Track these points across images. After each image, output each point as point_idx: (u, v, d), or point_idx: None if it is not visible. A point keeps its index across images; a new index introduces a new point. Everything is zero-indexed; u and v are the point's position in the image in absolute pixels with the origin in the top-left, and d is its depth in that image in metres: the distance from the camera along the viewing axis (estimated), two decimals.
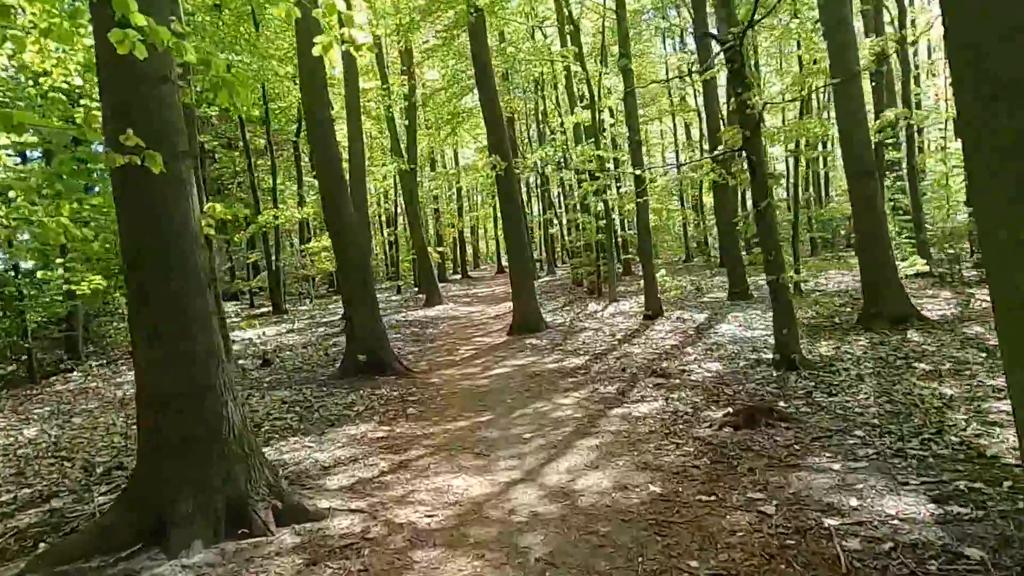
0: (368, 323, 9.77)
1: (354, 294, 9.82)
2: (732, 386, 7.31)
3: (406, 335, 14.42)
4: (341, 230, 9.78)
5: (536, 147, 25.41)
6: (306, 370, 10.90)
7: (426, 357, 11.50)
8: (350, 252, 9.78)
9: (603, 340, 11.41)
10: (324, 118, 9.67)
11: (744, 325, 11.36)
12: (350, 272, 9.80)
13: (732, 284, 14.79)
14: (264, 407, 8.25)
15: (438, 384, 9.08)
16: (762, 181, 7.80)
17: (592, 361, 9.69)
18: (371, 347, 9.75)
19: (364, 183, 16.13)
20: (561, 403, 7.37)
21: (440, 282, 30.93)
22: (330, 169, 9.73)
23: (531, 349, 11.27)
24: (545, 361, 10.08)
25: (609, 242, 16.71)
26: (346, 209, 9.76)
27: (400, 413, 7.54)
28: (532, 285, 13.35)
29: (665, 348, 10.10)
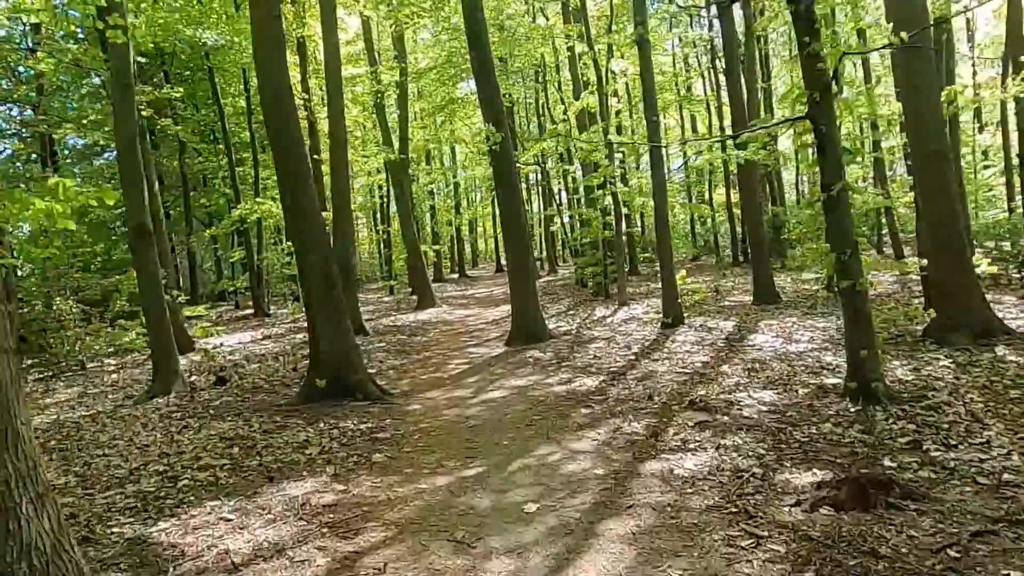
0: (334, 338, 7.87)
1: (317, 304, 7.92)
2: (801, 427, 5.40)
3: (391, 343, 12.50)
4: (302, 227, 7.87)
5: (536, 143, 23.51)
6: (266, 390, 8.99)
7: (410, 373, 9.59)
8: (312, 253, 7.87)
9: (618, 354, 9.50)
10: (280, 85, 7.75)
11: (784, 336, 9.46)
12: (312, 277, 7.89)
13: (758, 287, 12.89)
14: (194, 446, 6.34)
15: (418, 413, 7.17)
16: (835, 158, 5.88)
17: (608, 383, 7.78)
18: (338, 367, 7.85)
19: (346, 172, 14.21)
20: (575, 448, 5.47)
21: (436, 282, 29.03)
22: (287, 149, 7.82)
23: (533, 364, 9.36)
24: (550, 382, 8.17)
25: (618, 240, 14.80)
26: (307, 200, 7.85)
27: (363, 460, 5.62)
28: (533, 287, 11.45)
29: (695, 366, 8.18)
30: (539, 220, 32.27)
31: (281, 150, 7.89)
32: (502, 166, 11.16)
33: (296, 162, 7.81)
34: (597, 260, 16.32)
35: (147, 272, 8.91)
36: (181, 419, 7.62)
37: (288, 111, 7.86)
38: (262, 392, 8.86)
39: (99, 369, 12.10)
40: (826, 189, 5.90)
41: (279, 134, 7.87)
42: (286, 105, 7.83)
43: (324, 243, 7.93)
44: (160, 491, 5.18)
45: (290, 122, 7.86)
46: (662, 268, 11.22)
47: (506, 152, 11.08)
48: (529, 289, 11.28)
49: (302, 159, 7.85)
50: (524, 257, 11.40)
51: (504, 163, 11.12)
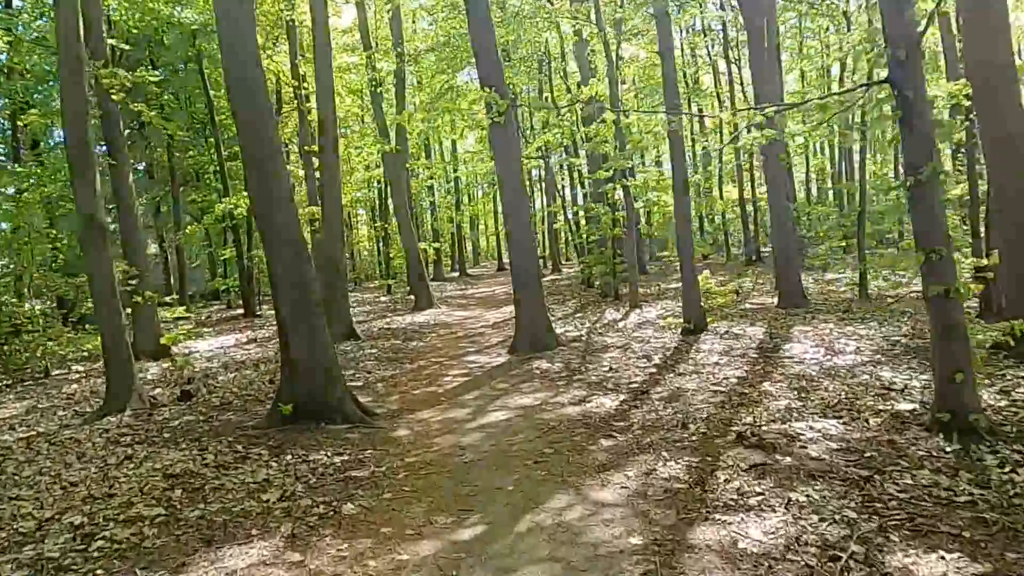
0: (310, 350, 6.62)
1: (289, 310, 6.66)
2: (891, 474, 4.16)
3: (383, 350, 11.25)
4: (269, 218, 6.61)
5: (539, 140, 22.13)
6: (235, 407, 7.74)
7: (401, 387, 8.33)
8: (281, 249, 6.62)
9: (636, 366, 8.25)
10: (242, 49, 6.46)
11: (824, 346, 8.20)
12: (282, 278, 6.64)
13: (784, 289, 11.63)
14: (130, 486, 5.10)
15: (406, 442, 5.92)
16: (923, 134, 4.62)
17: (630, 403, 6.53)
18: (313, 384, 6.60)
19: (336, 163, 12.95)
20: (599, 499, 4.22)
21: (436, 280, 27.75)
22: (252, 124, 6.56)
23: (540, 377, 8.11)
24: (560, 400, 6.91)
25: (629, 237, 13.54)
26: (275, 187, 6.59)
27: (332, 512, 4.38)
28: (539, 287, 10.19)
29: (730, 383, 6.93)
30: (542, 217, 31.01)
31: (245, 126, 6.64)
32: (504, 145, 9.86)
33: (262, 142, 6.55)
34: (606, 259, 15.06)
35: (99, 272, 7.66)
36: (128, 445, 6.37)
37: (253, 78, 6.58)
38: (230, 410, 7.61)
39: (63, 377, 10.87)
40: (912, 171, 4.64)
41: (240, 99, 6.61)
42: (251, 71, 6.56)
43: (296, 238, 6.68)
44: (65, 557, 3.95)
45: (255, 91, 6.58)
46: (683, 268, 9.96)
47: (508, 130, 9.81)
48: (534, 290, 10.03)
49: (269, 139, 6.59)
50: (528, 255, 10.15)
51: (504, 140, 9.84)
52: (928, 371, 6.53)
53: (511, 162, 9.94)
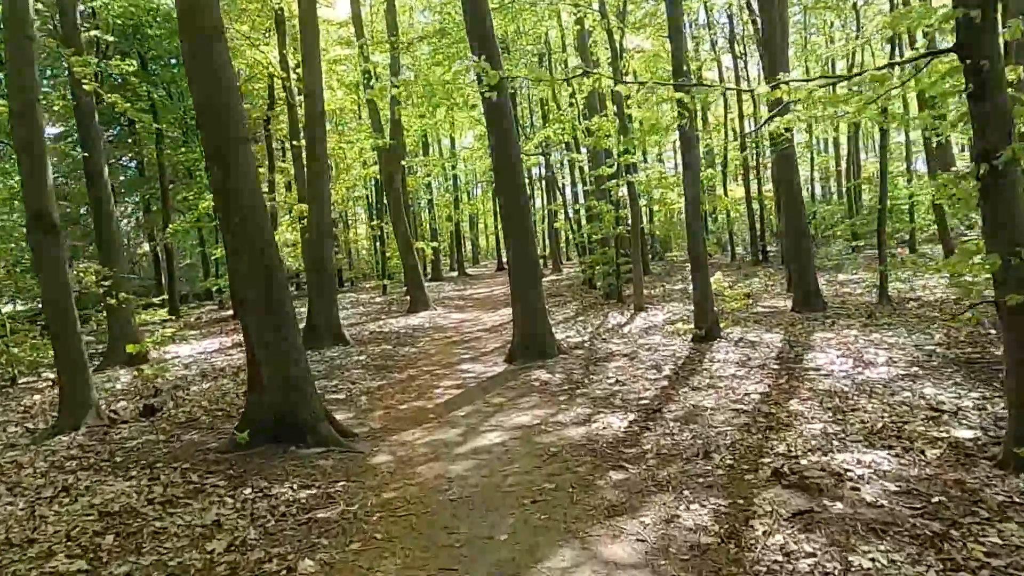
0: (279, 364, 5.81)
1: (254, 320, 5.85)
2: (970, 528, 3.35)
3: (372, 356, 10.44)
4: (233, 215, 5.78)
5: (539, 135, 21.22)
6: (201, 425, 6.93)
7: (386, 400, 7.52)
8: (246, 251, 5.80)
9: (645, 377, 7.43)
10: (200, 13, 5.63)
11: (852, 356, 7.38)
12: (247, 284, 5.82)
13: (800, 291, 10.80)
14: (56, 529, 4.30)
15: (385, 471, 5.11)
16: (1001, 110, 3.81)
17: (641, 423, 5.71)
18: (282, 403, 5.79)
19: (324, 157, 12.13)
20: (611, 559, 3.42)
21: (434, 280, 26.95)
22: (209, 97, 5.73)
23: (539, 391, 7.30)
24: (562, 420, 6.10)
25: (635, 235, 12.73)
26: (240, 180, 5.77)
27: (285, 570, 3.57)
28: (540, 289, 9.37)
29: (753, 399, 6.12)
30: (543, 216, 30.19)
31: (205, 108, 5.82)
32: (499, 125, 9.02)
33: (224, 126, 5.74)
34: (608, 258, 14.24)
35: (49, 274, 6.85)
36: (72, 472, 5.57)
37: (216, 51, 5.74)
38: (196, 428, 6.80)
39: (29, 387, 10.07)
40: (986, 158, 3.82)
41: (199, 76, 5.79)
42: (212, 43, 5.73)
43: (264, 236, 5.86)
44: None
45: (217, 66, 5.74)
46: (694, 269, 9.14)
47: (503, 107, 8.98)
48: (534, 294, 9.21)
49: (234, 123, 5.77)
50: (528, 255, 9.33)
51: (499, 117, 9.00)
52: (978, 387, 5.73)
53: (507, 144, 9.08)
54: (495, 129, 9.21)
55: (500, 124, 9.13)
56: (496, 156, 9.32)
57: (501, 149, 9.15)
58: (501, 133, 9.13)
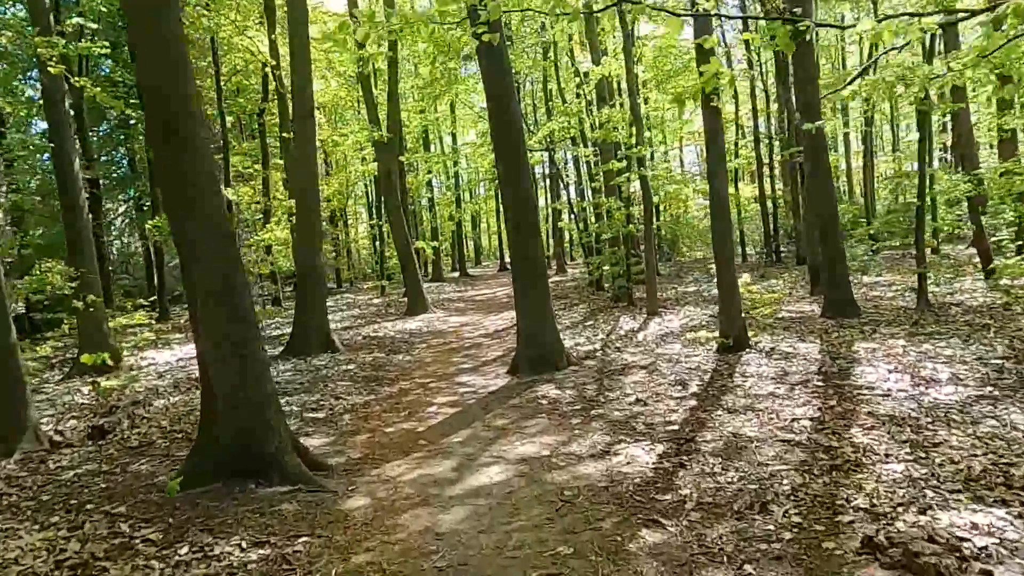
0: (239, 388, 4.78)
1: (211, 336, 4.81)
2: None
3: (363, 366, 9.41)
4: (185, 216, 4.75)
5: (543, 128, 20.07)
6: (156, 450, 5.90)
7: (371, 422, 6.48)
8: (202, 247, 4.76)
9: (669, 395, 6.39)
10: None
11: (908, 372, 6.34)
12: (204, 288, 4.78)
13: (830, 294, 9.74)
14: None
15: (359, 522, 4.07)
16: None
17: (674, 458, 4.67)
18: (241, 432, 4.76)
19: (313, 153, 11.10)
20: None
21: (435, 281, 25.91)
22: (153, 63, 4.71)
23: (548, 412, 6.25)
24: (576, 451, 5.06)
25: (648, 234, 11.68)
26: (192, 160, 4.73)
27: None
28: (546, 296, 8.33)
29: (804, 426, 5.07)
30: (546, 216, 29.14)
31: (150, 84, 4.79)
32: (496, 80, 7.94)
33: (170, 98, 4.70)
34: (618, 259, 13.19)
35: None
36: None
37: (167, 25, 4.72)
38: (147, 455, 5.78)
39: None
40: None
41: (143, 44, 4.76)
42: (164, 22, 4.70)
43: (223, 232, 4.83)
44: None
45: (161, 21, 4.70)
46: (719, 271, 8.09)
47: (500, 57, 7.91)
48: (540, 299, 8.17)
49: (183, 96, 4.73)
50: (532, 256, 8.26)
51: (500, 90, 7.94)
52: None
53: (511, 133, 8.01)
54: (487, 70, 8.01)
55: (495, 64, 7.90)
56: (496, 131, 8.24)
57: (501, 116, 7.98)
58: (494, 77, 7.92)
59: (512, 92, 8.13)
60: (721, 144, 8.15)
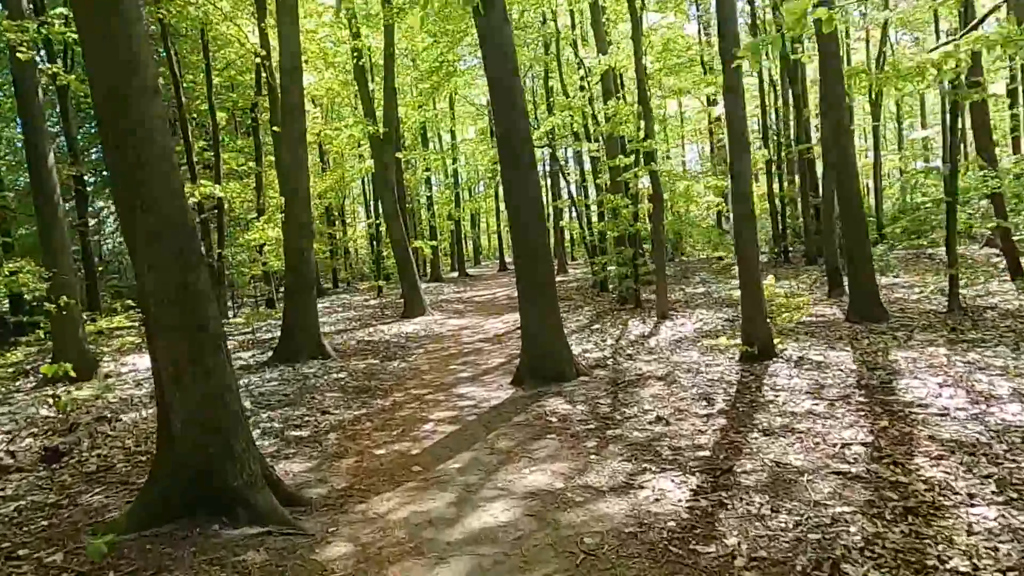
0: (198, 411, 4.04)
1: (168, 348, 4.07)
2: None
3: (354, 374, 8.67)
4: (136, 196, 4.00)
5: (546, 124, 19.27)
6: (113, 477, 5.16)
7: (360, 442, 5.74)
8: (158, 247, 4.02)
9: (694, 412, 5.66)
10: None
11: (960, 385, 5.61)
12: (160, 296, 4.03)
13: (856, 296, 9.02)
14: None
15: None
16: None
17: (710, 494, 3.94)
18: (202, 462, 4.02)
19: (302, 147, 10.35)
20: None
21: (434, 281, 25.18)
22: (96, 25, 3.96)
23: (558, 430, 5.52)
24: (595, 482, 4.33)
25: (658, 232, 10.95)
26: (146, 143, 3.99)
27: None
28: (553, 295, 7.57)
29: (858, 454, 4.34)
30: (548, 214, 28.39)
31: (92, 47, 4.03)
32: (496, 51, 7.16)
33: (126, 61, 3.95)
34: (625, 259, 12.44)
35: None
36: None
37: None
38: (104, 483, 5.03)
39: None
40: None
41: (94, 29, 4.01)
42: None
43: (184, 229, 4.08)
44: None
45: (117, 22, 3.97)
46: (743, 273, 7.35)
47: (501, 26, 7.15)
48: (547, 304, 7.43)
49: (134, 64, 3.98)
50: (539, 256, 7.49)
51: (497, 42, 7.16)
52: None
53: (516, 120, 7.24)
54: (487, 41, 7.26)
55: (495, 33, 7.16)
56: (498, 117, 7.49)
57: (497, 71, 7.21)
58: (494, 48, 7.16)
59: (514, 61, 7.35)
60: (743, 131, 7.39)
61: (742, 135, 7.28)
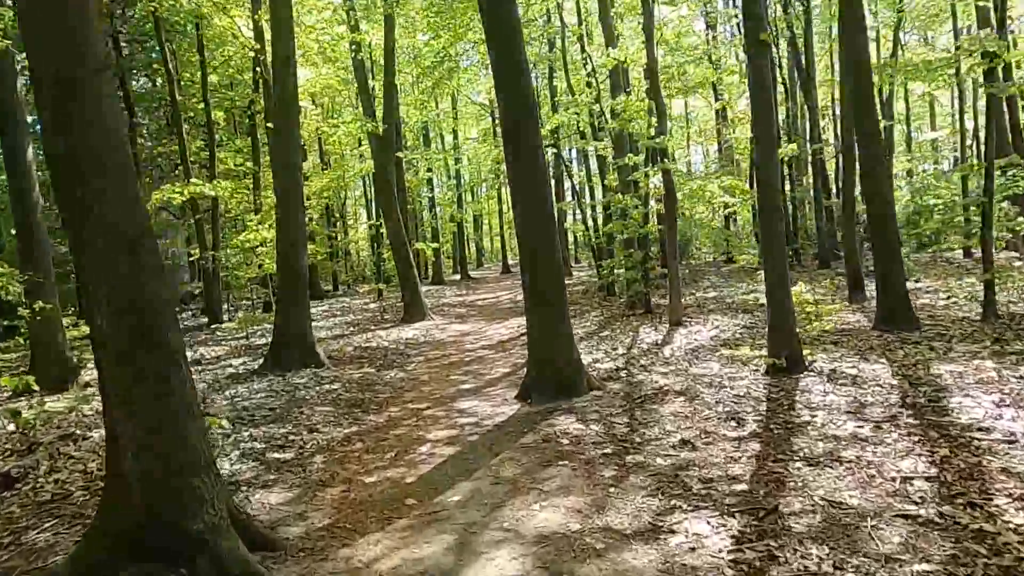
0: (153, 444, 3.41)
1: (117, 370, 3.44)
2: None
3: (348, 385, 8.04)
4: (82, 191, 3.38)
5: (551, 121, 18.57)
6: (66, 512, 4.52)
7: (348, 466, 5.10)
8: (107, 253, 3.40)
9: (722, 434, 5.01)
10: None
11: (1020, 403, 4.96)
12: (109, 310, 3.41)
13: (885, 303, 8.36)
14: None
15: None
16: None
17: (757, 544, 3.30)
18: (157, 505, 3.39)
19: (296, 144, 9.75)
20: None
21: (435, 284, 24.58)
22: (51, 55, 3.36)
23: (570, 456, 4.88)
24: (619, 526, 3.69)
25: (671, 234, 10.31)
26: (93, 128, 3.38)
27: None
28: (563, 303, 6.92)
29: (921, 489, 3.70)
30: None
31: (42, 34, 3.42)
32: (511, 67, 6.55)
33: (72, 38, 3.34)
34: (634, 262, 11.79)
35: None
36: None
37: None
38: (57, 515, 4.41)
39: None
40: None
41: None
42: None
43: (137, 231, 3.46)
44: None
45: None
46: (770, 279, 6.71)
47: (513, 26, 6.54)
48: (556, 311, 6.80)
49: (87, 38, 3.37)
50: (547, 257, 6.83)
51: (510, 44, 6.55)
52: None
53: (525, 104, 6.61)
54: (497, 41, 6.58)
55: (505, 35, 6.53)
56: (502, 99, 6.85)
57: (508, 79, 6.57)
58: (507, 58, 6.55)
59: (519, 33, 6.72)
60: (771, 127, 6.75)
61: (769, 118, 6.65)
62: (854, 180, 11.43)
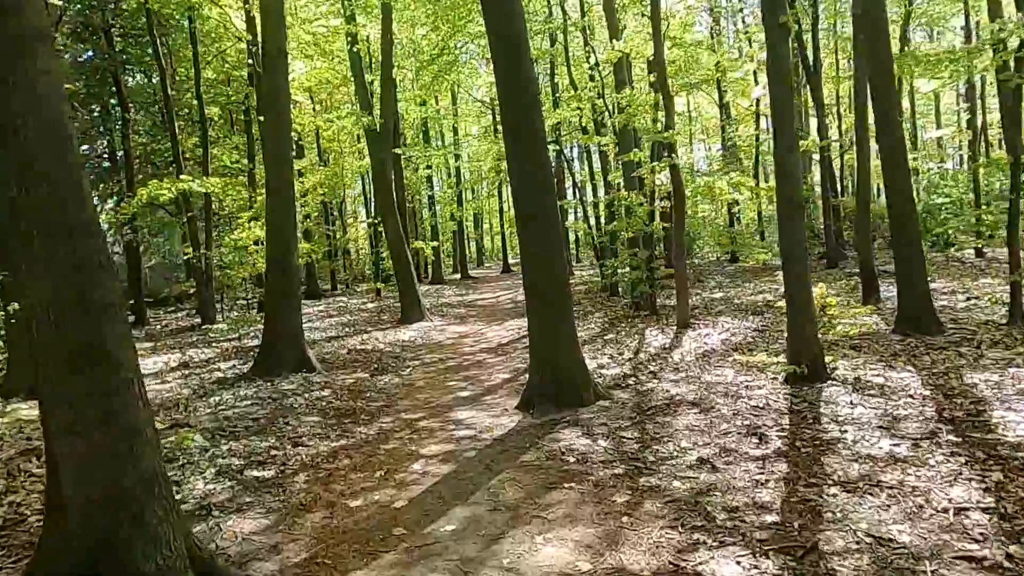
0: (97, 468, 2.94)
1: (56, 386, 2.97)
2: None
3: (339, 393, 7.56)
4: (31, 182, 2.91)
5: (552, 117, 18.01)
6: (16, 541, 4.04)
7: (333, 486, 4.61)
8: (47, 255, 2.94)
9: (745, 453, 4.53)
10: None
11: None
12: (50, 311, 2.94)
13: (907, 306, 7.88)
14: None
15: None
16: None
17: None
18: (102, 540, 2.91)
19: (287, 140, 9.27)
20: None
21: (435, 283, 24.10)
22: None
23: (578, 478, 4.39)
24: (635, 564, 3.21)
25: (678, 233, 9.82)
26: (35, 93, 2.90)
27: None
28: (567, 306, 6.43)
29: (980, 525, 3.22)
30: None
31: None
32: (510, 48, 6.07)
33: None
34: (639, 262, 11.30)
35: None
36: None
37: None
38: (5, 544, 3.93)
39: None
40: None
41: None
42: None
43: (74, 237, 2.99)
44: None
45: None
46: (789, 278, 6.22)
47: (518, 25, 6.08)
48: (560, 315, 6.31)
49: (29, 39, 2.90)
50: (550, 258, 6.36)
51: (510, 24, 6.08)
52: None
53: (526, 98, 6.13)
54: (495, 19, 6.12)
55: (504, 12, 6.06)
56: (501, 84, 6.37)
57: (508, 61, 6.09)
58: (506, 40, 6.06)
59: (520, 10, 6.24)
60: (791, 117, 6.26)
61: (790, 120, 6.15)
62: (868, 175, 10.95)
